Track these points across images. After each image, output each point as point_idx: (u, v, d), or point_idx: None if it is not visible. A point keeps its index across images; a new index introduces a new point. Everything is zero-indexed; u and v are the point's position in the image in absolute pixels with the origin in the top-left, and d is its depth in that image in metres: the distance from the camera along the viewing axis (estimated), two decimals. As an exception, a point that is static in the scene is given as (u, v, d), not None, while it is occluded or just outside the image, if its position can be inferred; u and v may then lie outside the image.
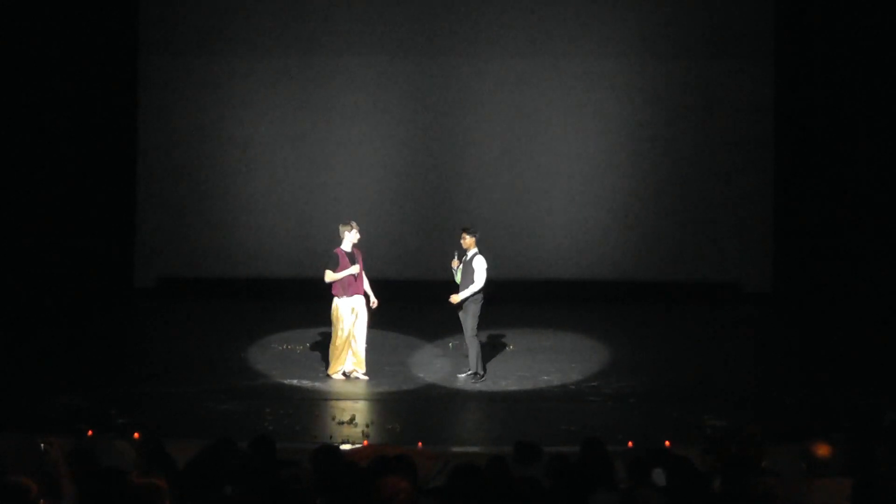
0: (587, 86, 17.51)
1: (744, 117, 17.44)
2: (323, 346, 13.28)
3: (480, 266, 11.93)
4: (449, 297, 11.98)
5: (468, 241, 12.04)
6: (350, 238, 12.05)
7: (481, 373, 12.06)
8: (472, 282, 11.89)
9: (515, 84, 17.51)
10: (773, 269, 17.38)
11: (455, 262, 12.10)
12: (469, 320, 11.94)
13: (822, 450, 6.43)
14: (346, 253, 12.02)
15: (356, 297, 12.03)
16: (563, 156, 17.55)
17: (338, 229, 12.21)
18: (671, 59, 17.38)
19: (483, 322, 12.14)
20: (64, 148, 16.38)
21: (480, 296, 11.97)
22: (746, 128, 17.44)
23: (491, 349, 13.36)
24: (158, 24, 17.38)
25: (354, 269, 11.94)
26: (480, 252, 12.05)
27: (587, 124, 17.54)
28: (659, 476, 6.38)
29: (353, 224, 12.09)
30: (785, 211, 17.27)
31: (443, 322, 13.61)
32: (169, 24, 17.39)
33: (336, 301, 12.02)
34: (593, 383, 12.07)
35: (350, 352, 12.06)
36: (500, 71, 17.48)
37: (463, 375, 12.13)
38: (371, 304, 12.15)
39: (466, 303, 11.94)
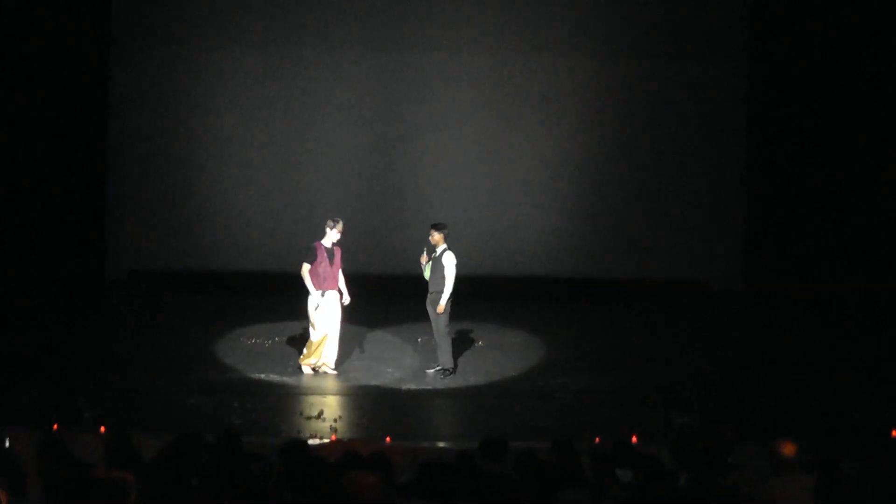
0: (559, 84, 17.53)
1: (715, 115, 17.49)
2: (292, 341, 13.28)
3: (450, 263, 11.95)
4: (429, 305, 11.99)
5: (436, 237, 12.08)
6: (331, 236, 12.08)
7: (451, 368, 12.08)
8: (442, 277, 11.91)
9: (489, 81, 17.50)
10: (744, 268, 17.47)
11: (424, 258, 12.13)
12: (441, 316, 11.96)
13: (788, 449, 6.47)
14: (326, 248, 12.03)
15: (330, 292, 12.03)
16: (535, 153, 17.56)
17: (316, 223, 12.20)
18: (642, 57, 17.41)
19: (453, 318, 12.16)
20: (34, 141, 16.25)
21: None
22: (718, 125, 17.50)
23: (461, 345, 13.37)
24: (129, 16, 17.25)
25: (317, 295, 11.91)
26: (450, 248, 12.07)
27: (559, 122, 17.55)
28: (624, 473, 6.42)
29: (340, 223, 12.11)
30: (756, 209, 17.35)
31: (411, 317, 13.62)
32: (140, 17, 17.26)
33: (311, 296, 12.01)
34: (562, 380, 12.10)
35: (329, 345, 12.07)
36: (475, 68, 17.47)
37: (431, 371, 12.15)
38: (343, 301, 12.17)
39: (436, 300, 11.94)
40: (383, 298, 15.53)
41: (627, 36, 17.39)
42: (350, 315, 12.51)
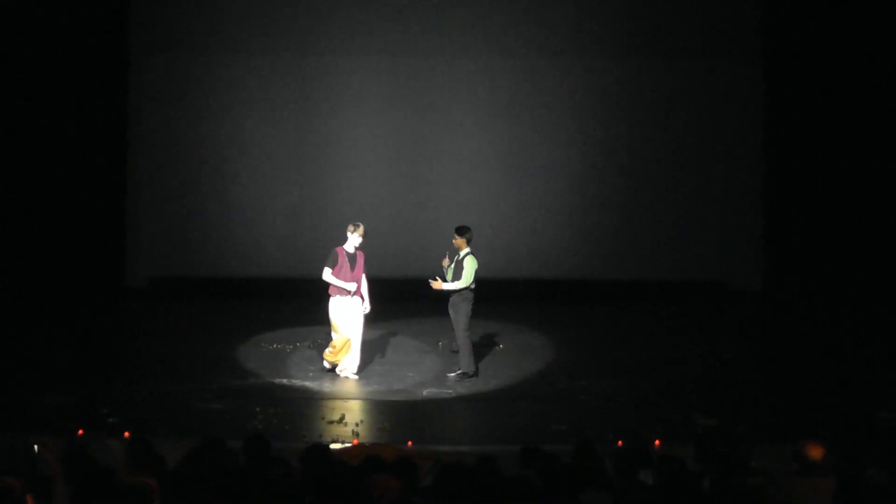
0: (577, 85, 17.53)
1: (733, 115, 17.47)
2: (313, 346, 13.30)
3: (469, 266, 11.94)
4: (432, 283, 11.99)
5: (459, 240, 12.07)
6: (353, 240, 12.05)
7: (472, 372, 12.08)
8: (458, 283, 11.92)
9: (507, 84, 17.52)
10: (764, 267, 17.41)
11: (445, 262, 12.12)
12: (461, 320, 11.96)
13: (815, 452, 6.43)
14: (348, 254, 12.02)
15: (352, 297, 12.03)
16: (552, 155, 17.56)
17: (336, 229, 12.21)
18: (660, 58, 17.40)
19: (474, 321, 12.16)
20: (54, 147, 16.35)
21: (471, 295, 11.99)
22: (736, 125, 17.48)
23: (481, 348, 13.37)
24: (149, 22, 17.35)
25: (351, 286, 11.93)
26: (472, 253, 12.06)
27: (576, 123, 17.55)
28: (647, 476, 6.40)
29: (361, 227, 12.08)
30: (775, 208, 17.30)
31: (432, 321, 13.61)
32: (160, 22, 17.36)
33: (332, 301, 12.03)
34: (583, 382, 12.08)
35: (352, 350, 12.09)
36: (492, 71, 17.48)
37: (452, 375, 12.14)
38: (364, 309, 12.16)
39: (457, 302, 11.95)
40: (404, 302, 15.54)
41: (647, 37, 17.38)
42: (371, 319, 12.52)
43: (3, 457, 6.40)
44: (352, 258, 12.03)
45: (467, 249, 12.06)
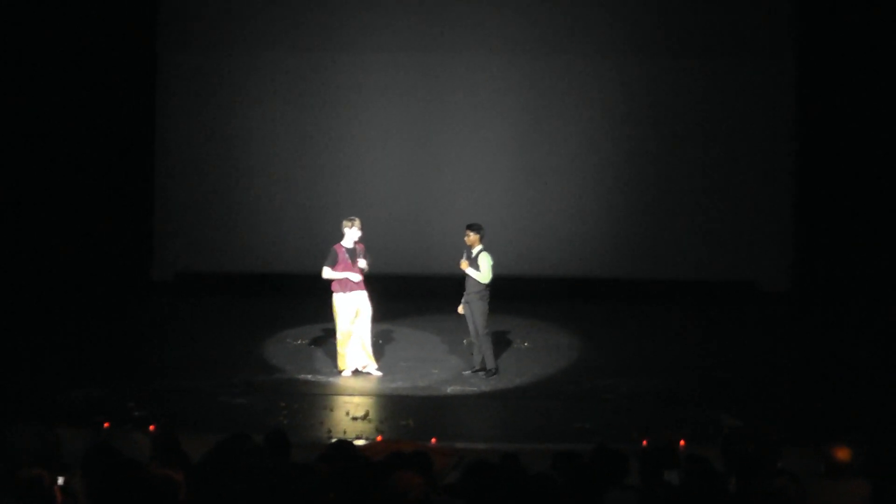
0: (606, 83, 17.46)
1: (764, 114, 17.37)
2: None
3: (485, 263, 11.93)
4: (461, 262, 12.01)
5: (472, 238, 12.07)
6: (351, 235, 12.06)
7: (494, 369, 12.06)
8: (478, 274, 11.91)
9: (527, 82, 17.46)
10: (793, 268, 17.31)
11: (464, 264, 12.06)
12: (478, 318, 11.95)
13: (843, 453, 6.37)
14: (347, 249, 12.03)
15: (356, 293, 12.02)
16: (579, 153, 17.50)
17: (362, 223, 12.22)
18: (691, 56, 17.32)
19: (496, 319, 12.13)
20: (82, 143, 16.45)
21: (486, 293, 11.99)
22: (767, 125, 17.38)
23: (505, 346, 13.35)
24: (177, 21, 17.42)
25: (353, 276, 11.93)
26: (486, 249, 12.04)
27: (604, 122, 17.48)
28: (672, 476, 6.36)
29: (355, 221, 12.09)
30: (805, 209, 17.20)
31: (455, 318, 13.59)
32: (187, 21, 17.43)
33: (335, 297, 12.05)
34: (608, 381, 12.04)
35: (360, 348, 12.08)
36: (509, 68, 17.43)
37: (467, 373, 12.13)
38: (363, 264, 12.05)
39: (473, 301, 11.94)
40: (426, 299, 15.53)
41: (675, 36, 17.31)
42: (395, 316, 12.51)
43: (29, 447, 6.43)
44: (352, 253, 12.03)
45: (480, 246, 12.06)
